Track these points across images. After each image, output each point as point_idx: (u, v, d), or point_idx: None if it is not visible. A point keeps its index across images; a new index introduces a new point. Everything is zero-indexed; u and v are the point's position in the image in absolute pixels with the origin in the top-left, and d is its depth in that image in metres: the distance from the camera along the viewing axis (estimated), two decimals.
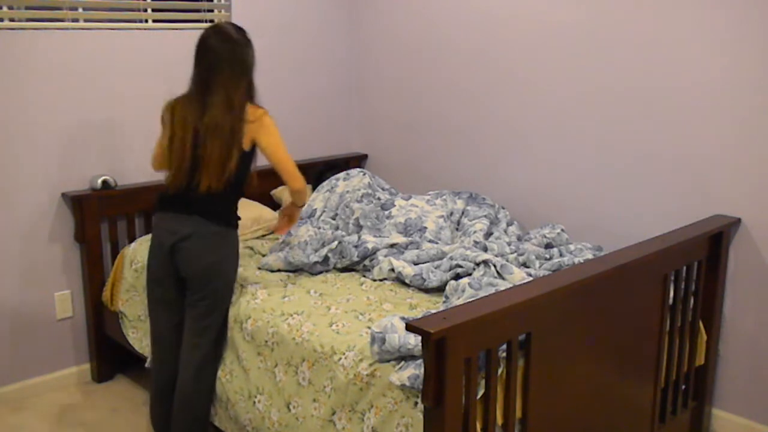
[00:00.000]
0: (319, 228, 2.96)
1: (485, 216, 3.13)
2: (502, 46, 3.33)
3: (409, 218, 2.98)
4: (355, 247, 2.81)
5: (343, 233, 2.94)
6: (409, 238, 2.88)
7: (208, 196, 2.43)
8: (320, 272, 2.81)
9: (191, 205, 2.45)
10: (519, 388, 1.93)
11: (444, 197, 3.25)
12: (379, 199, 3.17)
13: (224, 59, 2.41)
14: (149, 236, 3.13)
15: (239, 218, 2.58)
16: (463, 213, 3.19)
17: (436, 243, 2.90)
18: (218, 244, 2.49)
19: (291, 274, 2.79)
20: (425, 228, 2.95)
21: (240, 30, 2.51)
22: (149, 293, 2.61)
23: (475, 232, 2.97)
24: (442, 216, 3.04)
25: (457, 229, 3.11)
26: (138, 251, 3.03)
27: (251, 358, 2.43)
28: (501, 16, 3.30)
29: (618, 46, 2.91)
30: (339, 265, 2.83)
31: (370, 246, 2.80)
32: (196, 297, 2.50)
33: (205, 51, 2.45)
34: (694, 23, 2.69)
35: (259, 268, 2.85)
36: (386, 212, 3.04)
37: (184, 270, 2.49)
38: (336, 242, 2.83)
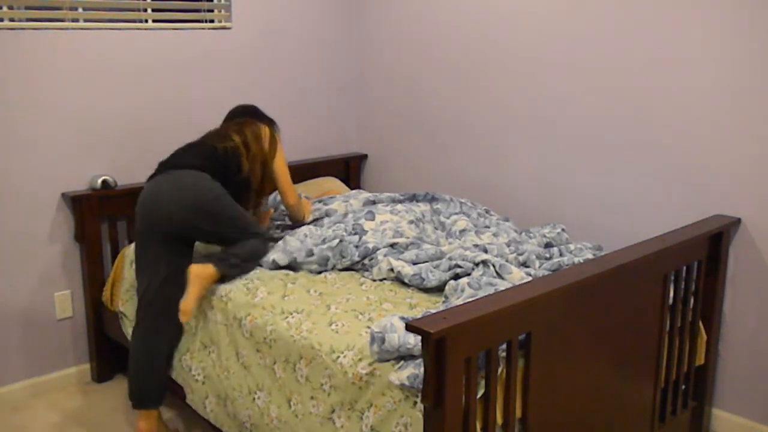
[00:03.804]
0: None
1: (462, 212, 3.17)
2: (502, 47, 3.33)
3: (394, 242, 2.86)
4: (356, 246, 2.80)
5: (344, 233, 2.93)
6: (409, 239, 2.88)
7: None
8: (320, 272, 2.81)
9: None
10: (519, 388, 1.93)
11: (404, 203, 3.20)
12: (339, 232, 2.95)
13: None
14: None
15: None
16: (435, 212, 3.19)
17: (436, 244, 2.90)
18: None
19: (291, 273, 2.78)
20: (407, 237, 2.93)
21: None
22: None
23: (462, 230, 2.98)
24: (412, 221, 3.02)
25: (443, 229, 3.11)
26: None
27: (251, 354, 2.43)
28: (501, 18, 3.31)
29: (620, 47, 2.91)
30: (339, 266, 2.82)
31: (371, 246, 2.79)
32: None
33: None
34: (696, 24, 2.69)
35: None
36: (362, 239, 2.86)
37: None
38: (337, 240, 2.83)
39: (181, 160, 2.72)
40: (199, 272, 2.56)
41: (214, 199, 2.65)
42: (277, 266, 2.79)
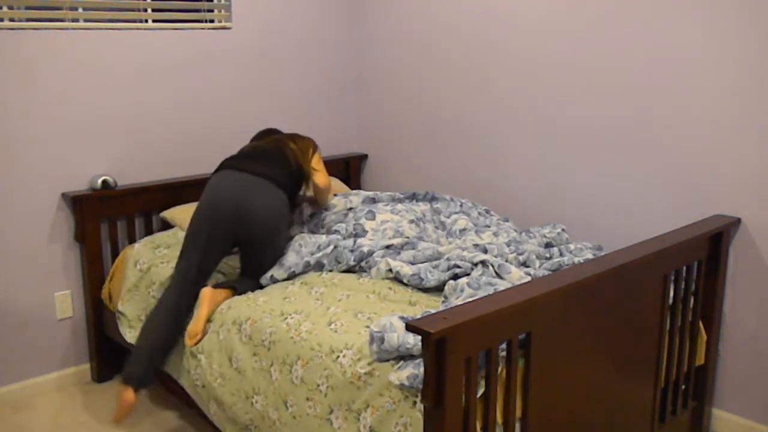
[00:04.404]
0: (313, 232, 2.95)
1: (462, 212, 3.17)
2: (502, 47, 3.33)
3: (389, 244, 2.85)
4: (351, 251, 2.79)
5: (339, 237, 2.92)
6: (405, 239, 2.87)
7: None
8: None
9: None
10: (519, 387, 1.93)
11: (404, 203, 3.22)
12: (337, 233, 2.98)
13: None
14: (154, 237, 3.16)
15: None
16: (435, 212, 3.18)
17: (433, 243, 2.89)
18: None
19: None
20: (407, 237, 2.93)
21: None
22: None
23: (462, 230, 2.98)
24: (412, 221, 3.01)
25: (443, 229, 3.11)
26: (143, 252, 3.03)
27: (246, 358, 2.42)
28: (501, 18, 3.31)
29: (620, 47, 2.91)
30: (336, 270, 2.81)
31: (366, 249, 2.78)
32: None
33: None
34: (696, 24, 2.69)
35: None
36: (356, 242, 2.87)
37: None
38: (331, 247, 2.82)
39: (269, 171, 2.82)
40: (215, 296, 2.64)
41: (282, 225, 2.82)
42: (275, 281, 2.76)
